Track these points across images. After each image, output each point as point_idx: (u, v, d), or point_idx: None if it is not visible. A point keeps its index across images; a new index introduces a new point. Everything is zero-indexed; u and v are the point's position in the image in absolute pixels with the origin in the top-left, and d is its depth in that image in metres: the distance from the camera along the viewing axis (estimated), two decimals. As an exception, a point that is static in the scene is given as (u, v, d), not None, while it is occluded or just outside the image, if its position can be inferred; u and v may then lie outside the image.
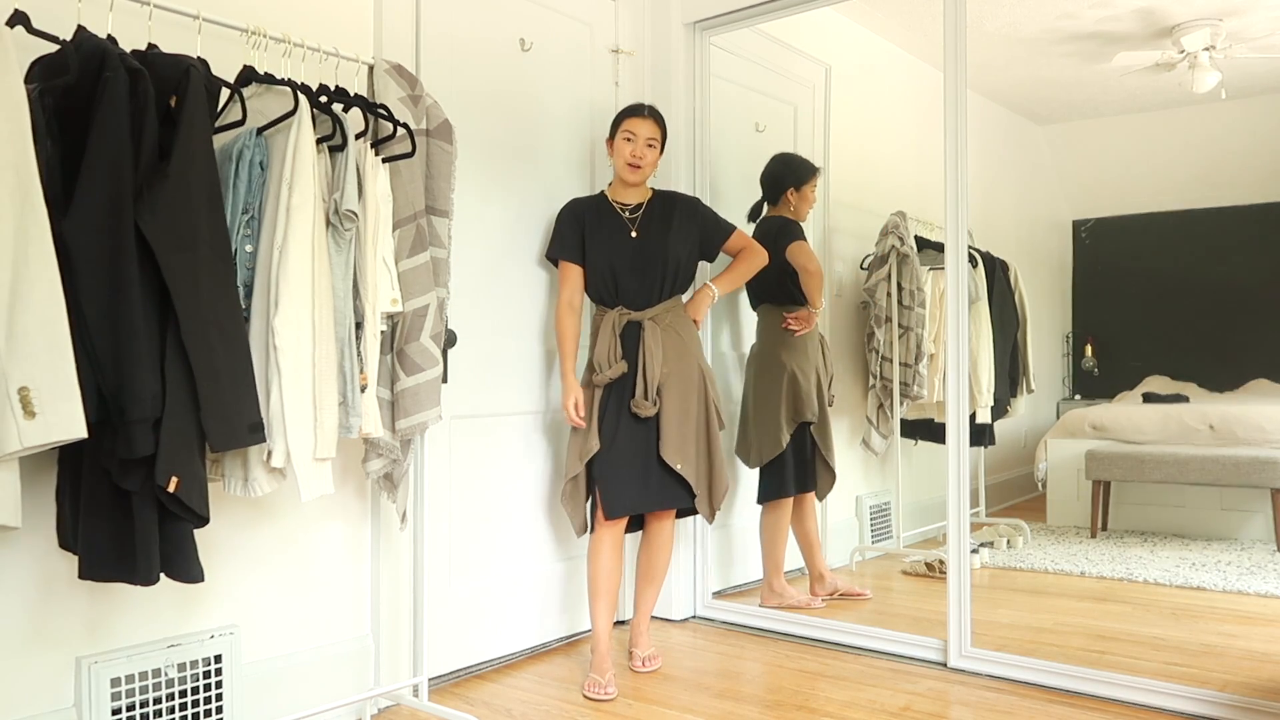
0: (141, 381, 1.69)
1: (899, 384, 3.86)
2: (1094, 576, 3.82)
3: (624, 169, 2.84)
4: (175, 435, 1.73)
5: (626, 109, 2.89)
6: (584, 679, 2.70)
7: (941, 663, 2.85)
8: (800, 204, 3.48)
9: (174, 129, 1.79)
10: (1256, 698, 2.41)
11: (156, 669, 2.06)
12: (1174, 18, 4.20)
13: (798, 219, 3.47)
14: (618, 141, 2.86)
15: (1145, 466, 4.35)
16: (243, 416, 1.83)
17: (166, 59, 1.83)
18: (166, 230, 1.74)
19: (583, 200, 2.93)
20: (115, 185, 1.69)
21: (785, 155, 3.64)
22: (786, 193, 3.47)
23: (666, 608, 3.37)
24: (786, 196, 3.47)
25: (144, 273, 1.72)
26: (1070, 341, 5.41)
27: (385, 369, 2.30)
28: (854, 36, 4.19)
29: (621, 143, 2.84)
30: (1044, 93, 4.97)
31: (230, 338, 1.83)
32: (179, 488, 1.72)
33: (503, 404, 2.94)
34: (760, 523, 3.47)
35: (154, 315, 1.74)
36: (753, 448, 3.41)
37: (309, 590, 2.40)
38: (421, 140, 2.35)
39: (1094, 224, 5.42)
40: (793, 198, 3.47)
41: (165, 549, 1.77)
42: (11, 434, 1.53)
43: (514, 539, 2.99)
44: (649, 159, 2.84)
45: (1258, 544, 4.25)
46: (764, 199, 3.56)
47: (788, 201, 3.47)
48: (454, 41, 2.80)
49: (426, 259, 2.32)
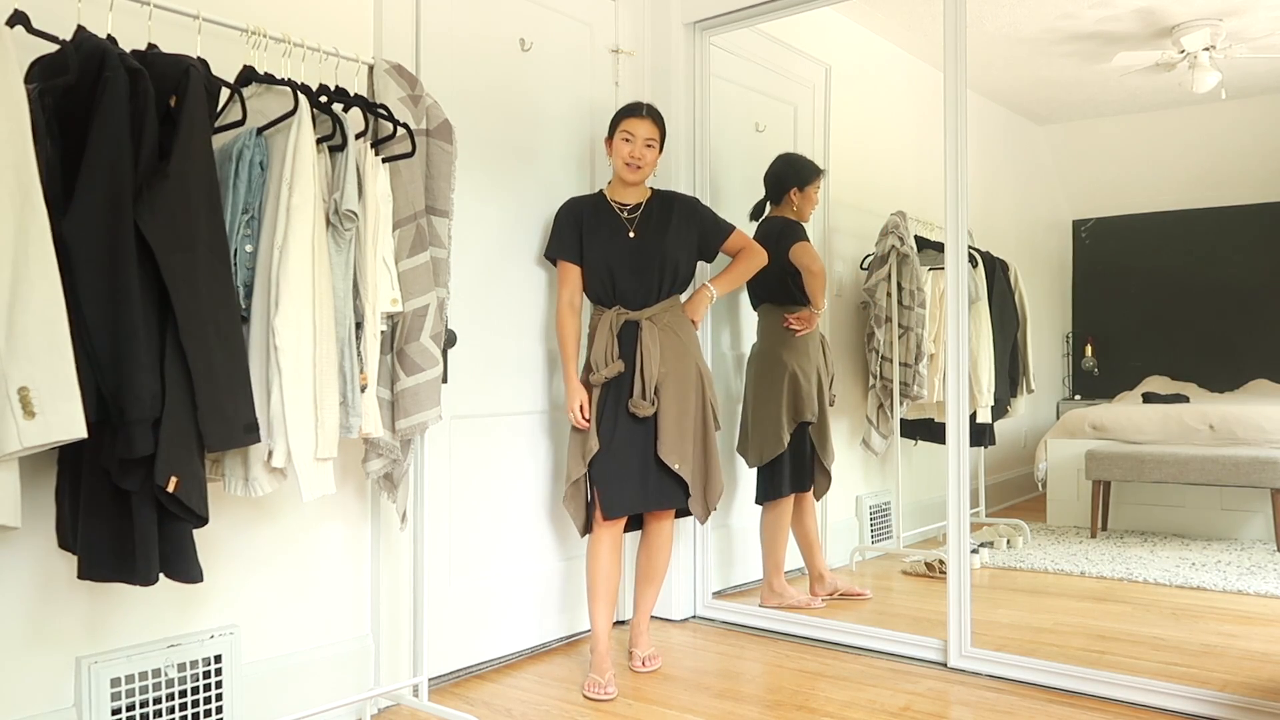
0: (141, 381, 1.68)
1: (899, 384, 3.86)
2: (1094, 576, 3.81)
3: (623, 169, 2.84)
4: (174, 435, 1.73)
5: (625, 109, 2.89)
6: (584, 679, 2.70)
7: (941, 663, 2.85)
8: (803, 204, 3.47)
9: (174, 129, 1.79)
10: (1256, 698, 2.41)
11: (156, 669, 2.06)
12: (1174, 18, 4.20)
13: (800, 219, 3.47)
14: (616, 141, 2.86)
15: (1145, 466, 4.35)
16: (239, 416, 1.83)
17: (166, 59, 1.83)
18: (166, 230, 1.74)
19: (581, 199, 2.93)
20: (115, 185, 1.69)
21: (789, 155, 3.64)
22: (790, 193, 3.47)
23: (666, 608, 3.37)
24: (789, 196, 3.47)
25: (143, 272, 1.72)
26: (1070, 341, 5.41)
27: (385, 369, 2.30)
28: (854, 37, 4.19)
29: (620, 143, 2.84)
30: (1044, 93, 4.97)
31: (227, 338, 1.83)
32: (178, 488, 1.72)
33: (502, 404, 2.94)
34: (760, 522, 3.47)
35: (153, 315, 1.74)
36: (753, 447, 3.41)
37: (309, 590, 2.40)
38: (421, 140, 2.35)
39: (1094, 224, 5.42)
40: (795, 198, 3.46)
41: (165, 549, 1.77)
42: (11, 434, 1.53)
43: (514, 539, 2.99)
44: (648, 159, 2.84)
45: (1258, 544, 4.25)
46: (766, 198, 3.56)
47: (790, 202, 3.47)
48: (454, 42, 2.80)
49: (426, 259, 2.32)
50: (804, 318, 3.39)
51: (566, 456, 2.89)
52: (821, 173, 3.52)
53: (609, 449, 2.73)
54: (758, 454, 3.40)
